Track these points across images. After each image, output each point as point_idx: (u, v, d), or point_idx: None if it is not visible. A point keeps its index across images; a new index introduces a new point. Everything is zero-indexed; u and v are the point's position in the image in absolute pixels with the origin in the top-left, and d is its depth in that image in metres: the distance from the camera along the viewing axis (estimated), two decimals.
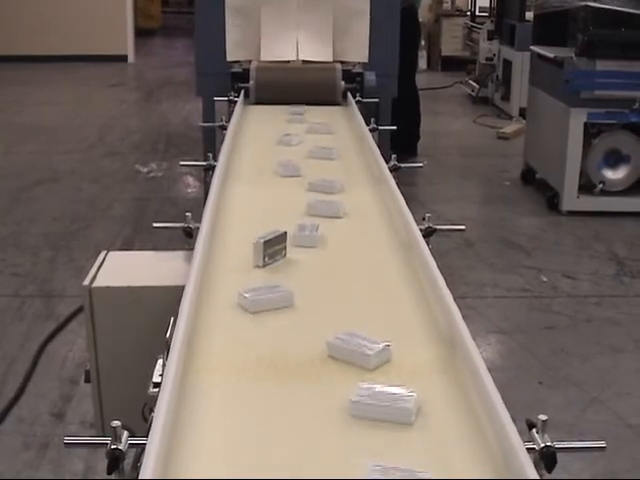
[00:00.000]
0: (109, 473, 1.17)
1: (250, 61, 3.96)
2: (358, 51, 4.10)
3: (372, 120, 3.19)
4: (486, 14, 10.20)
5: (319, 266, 1.80)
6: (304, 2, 4.05)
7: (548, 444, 1.17)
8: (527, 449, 1.09)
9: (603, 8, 5.36)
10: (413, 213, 2.00)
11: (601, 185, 5.54)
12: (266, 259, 1.75)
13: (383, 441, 1.15)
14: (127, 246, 4.83)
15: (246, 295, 1.54)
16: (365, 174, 2.55)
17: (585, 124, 5.42)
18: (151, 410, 1.26)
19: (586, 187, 5.58)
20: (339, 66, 3.88)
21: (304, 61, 3.96)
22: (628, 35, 5.41)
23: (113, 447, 1.16)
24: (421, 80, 8.31)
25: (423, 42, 10.62)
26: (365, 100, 3.74)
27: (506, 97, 8.88)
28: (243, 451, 1.13)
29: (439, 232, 2.09)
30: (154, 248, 4.12)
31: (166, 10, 17.58)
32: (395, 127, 3.66)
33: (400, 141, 4.64)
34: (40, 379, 3.40)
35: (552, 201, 5.69)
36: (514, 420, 1.13)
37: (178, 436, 1.15)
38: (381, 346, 1.34)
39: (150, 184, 6.26)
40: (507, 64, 8.86)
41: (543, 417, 1.19)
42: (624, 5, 5.38)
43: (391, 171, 2.43)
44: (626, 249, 5.07)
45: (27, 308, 4.06)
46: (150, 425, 1.13)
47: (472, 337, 1.35)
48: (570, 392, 3.43)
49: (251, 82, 3.76)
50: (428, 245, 1.83)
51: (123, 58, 12.24)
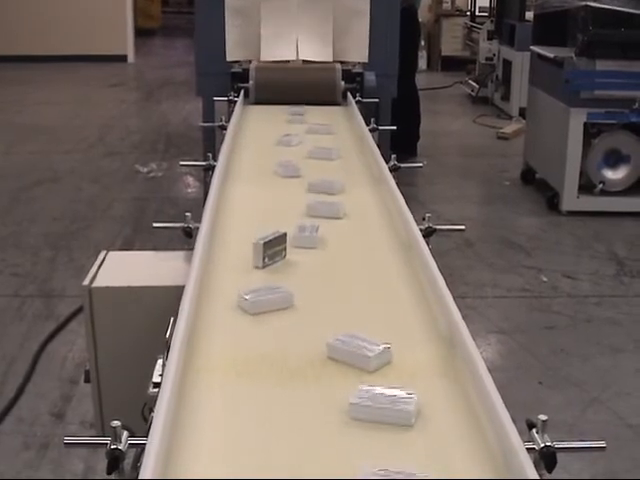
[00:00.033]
0: (109, 473, 1.18)
1: (250, 61, 3.97)
2: (358, 51, 4.09)
3: (372, 120, 3.19)
4: (486, 14, 10.20)
5: (319, 267, 1.80)
6: (304, 2, 4.05)
7: (548, 444, 1.17)
8: (527, 449, 1.09)
9: (603, 8, 5.36)
10: (413, 213, 1.99)
11: (601, 185, 5.54)
12: (266, 260, 1.74)
13: (383, 442, 1.15)
14: (127, 246, 4.83)
15: (246, 297, 1.53)
16: (365, 174, 2.54)
17: (585, 124, 5.42)
18: (151, 410, 1.26)
19: (586, 187, 5.58)
20: (339, 66, 3.87)
21: (304, 61, 3.95)
22: (628, 35, 5.41)
23: (113, 447, 1.16)
24: (421, 80, 8.31)
25: (423, 42, 10.62)
26: (365, 100, 3.74)
27: (506, 97, 8.88)
28: (242, 453, 1.13)
29: (439, 232, 2.09)
30: (154, 248, 4.12)
31: (166, 10, 17.59)
32: (395, 127, 3.66)
33: (400, 141, 4.64)
34: (40, 379, 3.40)
35: (552, 201, 5.69)
36: (514, 420, 1.13)
37: (178, 436, 1.15)
38: (381, 348, 1.34)
39: (150, 184, 6.26)
40: (507, 64, 8.87)
41: (543, 417, 1.19)
42: (624, 5, 5.38)
43: (391, 171, 2.43)
44: (626, 249, 5.07)
45: (27, 308, 4.06)
46: (150, 425, 1.13)
47: (472, 337, 1.35)
48: (570, 392, 3.43)
49: (251, 82, 3.76)
50: (428, 245, 1.83)
51: (123, 58, 12.24)
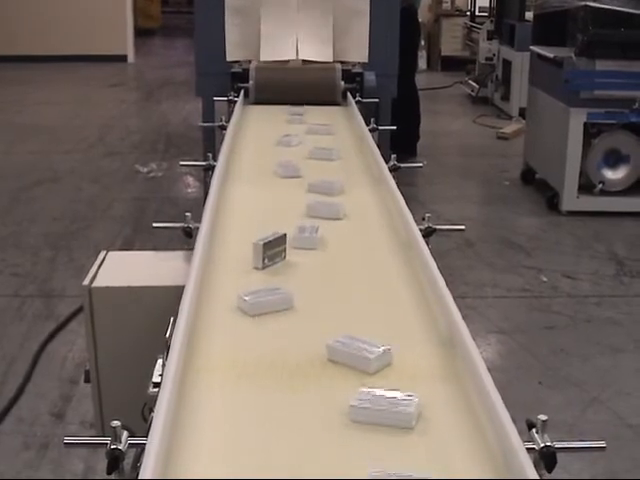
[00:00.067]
0: (109, 473, 1.17)
1: (250, 61, 3.97)
2: (358, 51, 4.09)
3: (372, 120, 3.19)
4: (486, 14, 10.20)
5: (319, 268, 1.79)
6: (304, 2, 4.05)
7: (548, 444, 1.17)
8: (527, 449, 1.09)
9: (603, 8, 5.36)
10: (413, 213, 1.99)
11: (601, 185, 5.54)
12: (265, 261, 1.73)
13: (383, 443, 1.15)
14: (127, 246, 4.83)
15: (246, 298, 1.52)
16: (365, 174, 2.54)
17: (585, 124, 5.42)
18: (151, 410, 1.26)
19: (586, 187, 5.58)
20: (339, 66, 3.87)
21: (304, 61, 3.95)
22: (628, 35, 5.41)
23: (113, 447, 1.16)
24: (421, 80, 8.31)
25: (423, 42, 10.61)
26: (365, 100, 3.74)
27: (506, 97, 8.88)
28: (242, 454, 1.13)
29: (439, 232, 2.09)
30: (154, 248, 4.12)
31: (166, 10, 17.60)
32: (395, 127, 3.65)
33: (400, 141, 4.64)
34: (40, 379, 3.40)
35: (552, 201, 5.69)
36: (514, 420, 1.13)
37: (178, 436, 1.15)
38: (381, 349, 1.33)
39: (150, 184, 6.26)
40: (507, 64, 8.86)
41: (543, 417, 1.19)
42: (624, 5, 5.38)
43: (391, 171, 2.43)
44: (626, 249, 5.08)
45: (27, 308, 4.06)
46: (150, 425, 1.13)
47: (472, 337, 1.35)
48: (570, 392, 3.43)
49: (251, 82, 3.76)
50: (428, 245, 1.82)
51: (123, 58, 12.24)
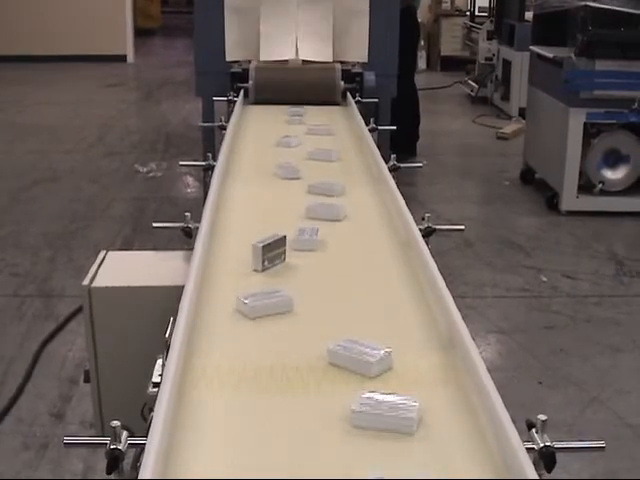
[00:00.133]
0: (108, 473, 1.17)
1: (249, 61, 3.97)
2: (358, 51, 4.10)
3: (371, 120, 3.19)
4: (485, 14, 10.20)
5: (319, 270, 1.78)
6: (304, 2, 4.05)
7: (547, 444, 1.17)
8: (526, 449, 1.09)
9: (602, 8, 5.36)
10: (413, 213, 1.99)
11: (600, 185, 5.54)
12: (265, 263, 1.72)
13: (383, 443, 1.15)
14: (126, 246, 4.83)
15: (245, 301, 1.51)
16: (365, 175, 2.54)
17: (584, 124, 5.42)
18: (151, 410, 1.26)
19: (585, 187, 5.58)
20: (339, 66, 3.87)
21: (304, 61, 3.95)
22: (627, 35, 5.41)
23: (112, 447, 1.16)
24: (420, 80, 8.31)
25: (422, 42, 10.62)
26: (364, 100, 3.74)
27: (505, 97, 8.88)
28: (242, 455, 1.12)
29: (439, 232, 2.09)
30: (154, 248, 4.12)
31: (166, 10, 17.60)
32: (394, 127, 3.66)
33: (399, 141, 4.64)
34: (39, 379, 3.40)
35: (551, 201, 5.69)
36: (514, 420, 1.13)
37: (178, 436, 1.15)
38: (382, 353, 1.32)
39: (149, 184, 6.26)
40: (506, 64, 8.87)
41: (542, 417, 1.19)
42: (624, 5, 5.38)
43: (391, 171, 2.43)
44: (626, 249, 5.08)
45: (26, 308, 4.06)
46: (149, 425, 1.13)
47: (472, 337, 1.35)
48: (570, 392, 3.43)
49: (250, 82, 3.76)
50: (428, 245, 1.82)
51: (123, 58, 12.24)
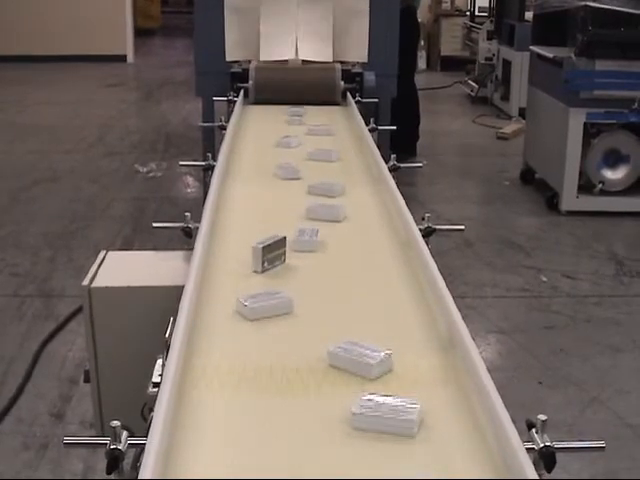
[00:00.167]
0: (108, 473, 1.17)
1: (249, 61, 3.97)
2: (358, 51, 4.10)
3: (371, 120, 3.19)
4: (485, 14, 10.20)
5: (319, 271, 1.78)
6: (304, 2, 4.05)
7: (547, 444, 1.17)
8: (527, 449, 1.09)
9: (602, 8, 5.36)
10: (413, 213, 1.99)
11: (600, 185, 5.54)
12: (265, 264, 1.71)
13: (383, 445, 1.15)
14: (126, 246, 4.83)
15: (245, 302, 1.51)
16: (365, 175, 2.53)
17: (584, 124, 5.42)
18: (151, 410, 1.26)
19: (585, 187, 5.58)
20: (339, 66, 3.87)
21: (303, 61, 3.95)
22: (627, 35, 5.41)
23: (112, 447, 1.16)
24: (420, 80, 8.31)
25: (422, 42, 10.62)
26: (364, 100, 3.74)
27: (505, 97, 8.88)
28: (242, 456, 1.12)
29: (438, 232, 2.09)
30: (154, 248, 4.12)
31: (166, 10, 17.60)
32: (394, 127, 3.65)
33: (399, 141, 4.64)
34: (39, 379, 3.40)
35: (551, 201, 5.69)
36: (514, 420, 1.13)
37: (178, 436, 1.15)
38: (382, 355, 1.32)
39: (149, 184, 6.26)
40: (506, 64, 8.87)
41: (542, 417, 1.19)
42: (624, 5, 5.38)
43: (391, 171, 2.43)
44: (626, 249, 5.08)
45: (26, 308, 4.06)
46: (149, 425, 1.13)
47: (472, 337, 1.35)
48: (569, 392, 3.43)
49: (250, 82, 3.76)
50: (428, 245, 1.82)
51: (122, 58, 12.24)
